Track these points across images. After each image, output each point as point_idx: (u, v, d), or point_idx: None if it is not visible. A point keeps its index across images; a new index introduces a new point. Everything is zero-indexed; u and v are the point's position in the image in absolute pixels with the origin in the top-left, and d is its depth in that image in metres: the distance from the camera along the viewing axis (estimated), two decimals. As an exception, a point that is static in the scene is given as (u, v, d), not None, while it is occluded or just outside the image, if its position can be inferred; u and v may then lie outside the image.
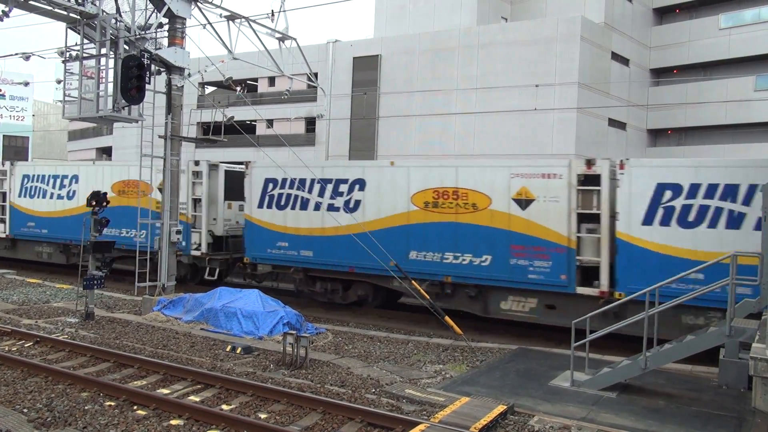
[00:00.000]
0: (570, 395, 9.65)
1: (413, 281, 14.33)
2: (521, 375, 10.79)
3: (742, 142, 33.30)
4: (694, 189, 12.41)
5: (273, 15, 16.81)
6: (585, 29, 29.85)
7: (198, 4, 15.82)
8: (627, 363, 10.08)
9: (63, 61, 15.32)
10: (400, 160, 16.84)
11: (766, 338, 7.28)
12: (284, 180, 17.35)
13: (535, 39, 30.31)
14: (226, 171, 20.07)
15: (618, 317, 11.83)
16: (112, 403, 8.82)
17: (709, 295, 10.78)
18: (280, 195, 17.48)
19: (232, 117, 17.96)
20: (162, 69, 15.89)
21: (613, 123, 33.12)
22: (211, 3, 16.01)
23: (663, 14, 38.12)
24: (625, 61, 34.12)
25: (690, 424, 8.51)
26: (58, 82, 17.84)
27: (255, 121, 37.48)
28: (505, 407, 8.71)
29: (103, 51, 14.28)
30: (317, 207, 16.80)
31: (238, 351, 11.99)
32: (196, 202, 19.39)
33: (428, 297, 14.12)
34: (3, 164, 24.50)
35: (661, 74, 36.87)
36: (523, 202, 14.08)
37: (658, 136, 37.63)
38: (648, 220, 12.83)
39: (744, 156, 31.66)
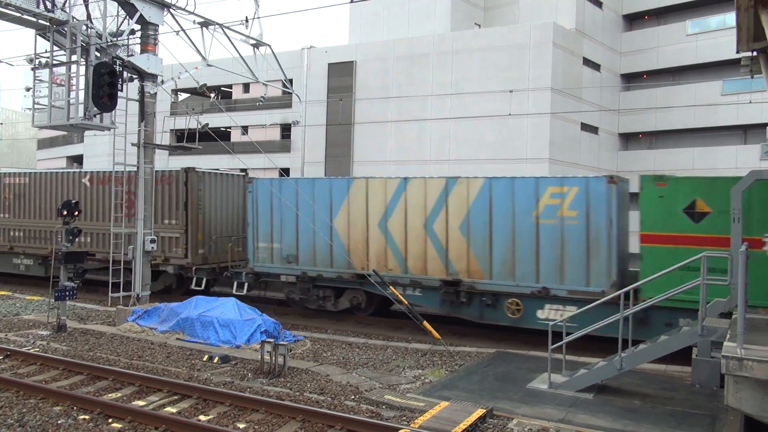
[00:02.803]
0: (548, 397, 9.74)
1: (391, 287, 14.34)
2: (499, 378, 10.86)
3: (711, 145, 34.11)
4: None
5: (247, 21, 16.73)
6: (557, 35, 30.31)
7: (171, 10, 15.67)
8: (603, 364, 10.21)
9: (32, 69, 15.04)
10: None
11: (736, 337, 7.46)
12: None
13: (508, 45, 30.68)
14: None
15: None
16: (87, 417, 8.65)
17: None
18: None
19: (207, 124, 17.78)
20: (134, 76, 15.70)
21: (586, 127, 33.64)
22: (184, 9, 15.87)
23: (632, 20, 38.90)
24: (596, 67, 34.71)
25: (665, 423, 8.65)
26: (27, 89, 17.46)
27: (230, 128, 37.20)
28: (484, 411, 8.76)
29: (74, 58, 14.05)
30: None
31: (215, 360, 11.86)
32: None
33: (406, 302, 14.14)
34: None
35: (632, 79, 37.60)
36: None
37: (629, 139, 38.32)
38: None
39: (711, 159, 32.48)
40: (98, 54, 14.49)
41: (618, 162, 36.37)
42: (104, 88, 13.49)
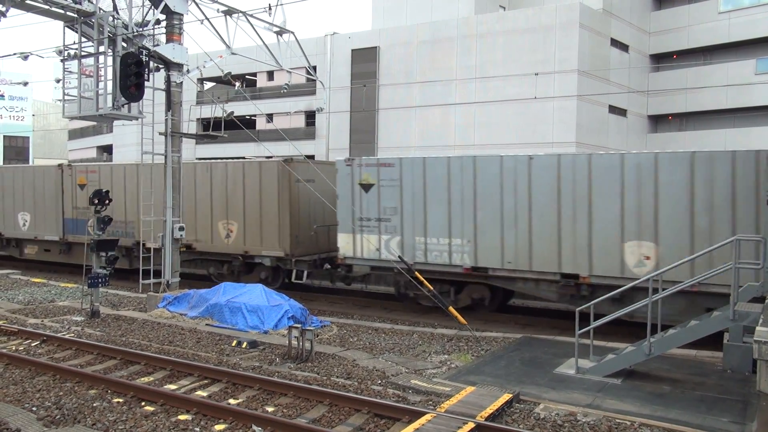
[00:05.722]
0: (575, 382, 9.69)
1: (417, 273, 14.36)
2: (526, 363, 10.83)
3: (743, 126, 33.24)
4: None
5: (270, 9, 16.75)
6: (584, 16, 29.74)
7: (195, -1, 15.77)
8: (631, 349, 10.10)
9: (61, 60, 15.30)
10: None
11: (769, 321, 7.32)
12: None
13: (534, 27, 30.20)
14: None
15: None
16: (120, 400, 8.88)
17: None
18: None
19: (232, 112, 17.90)
20: (160, 66, 15.87)
21: (614, 110, 33.06)
22: (207, -2, 15.96)
23: (662, -1, 37.96)
24: (624, 48, 33.99)
25: (695, 409, 8.54)
26: (57, 81, 17.77)
27: (255, 115, 37.46)
28: (511, 395, 8.75)
29: (102, 49, 14.26)
30: None
31: (243, 345, 12.05)
32: None
33: (432, 288, 14.15)
34: None
35: (661, 60, 36.75)
36: None
37: (659, 122, 37.55)
38: None
39: (744, 140, 31.61)
40: (125, 44, 14.68)
41: (647, 145, 35.71)
42: (131, 78, 13.66)
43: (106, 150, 53.16)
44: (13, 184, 23.47)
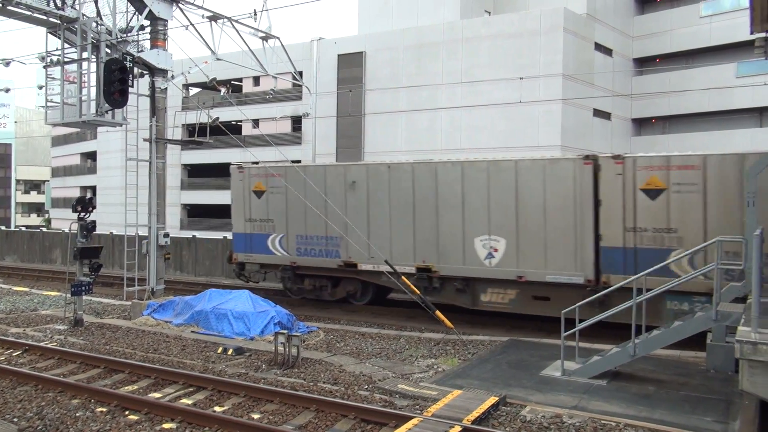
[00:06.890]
0: (561, 384, 9.73)
1: (403, 277, 14.37)
2: (512, 366, 10.86)
3: (726, 129, 33.65)
4: None
5: (256, 14, 16.75)
6: (568, 20, 29.99)
7: (179, 5, 15.72)
8: (616, 351, 10.17)
9: (44, 67, 15.17)
10: None
11: (751, 321, 7.41)
12: None
13: (519, 32, 30.41)
14: None
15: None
16: (104, 409, 8.78)
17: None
18: None
19: (217, 118, 17.86)
20: (145, 72, 15.80)
21: (598, 113, 33.33)
22: (192, 4, 15.92)
23: (645, 3, 38.37)
24: (608, 52, 34.31)
25: (680, 409, 8.61)
26: (40, 87, 17.62)
27: (240, 121, 37.33)
28: (497, 399, 8.77)
29: (85, 55, 14.15)
30: None
31: (229, 352, 11.98)
32: None
33: (418, 292, 14.16)
34: None
35: (644, 63, 37.13)
36: None
37: (642, 125, 37.92)
38: None
39: (727, 143, 31.98)
40: (108, 51, 14.58)
41: (631, 148, 36.03)
42: (115, 85, 13.58)
43: (90, 157, 52.73)
44: (462, 187, 15.17)
